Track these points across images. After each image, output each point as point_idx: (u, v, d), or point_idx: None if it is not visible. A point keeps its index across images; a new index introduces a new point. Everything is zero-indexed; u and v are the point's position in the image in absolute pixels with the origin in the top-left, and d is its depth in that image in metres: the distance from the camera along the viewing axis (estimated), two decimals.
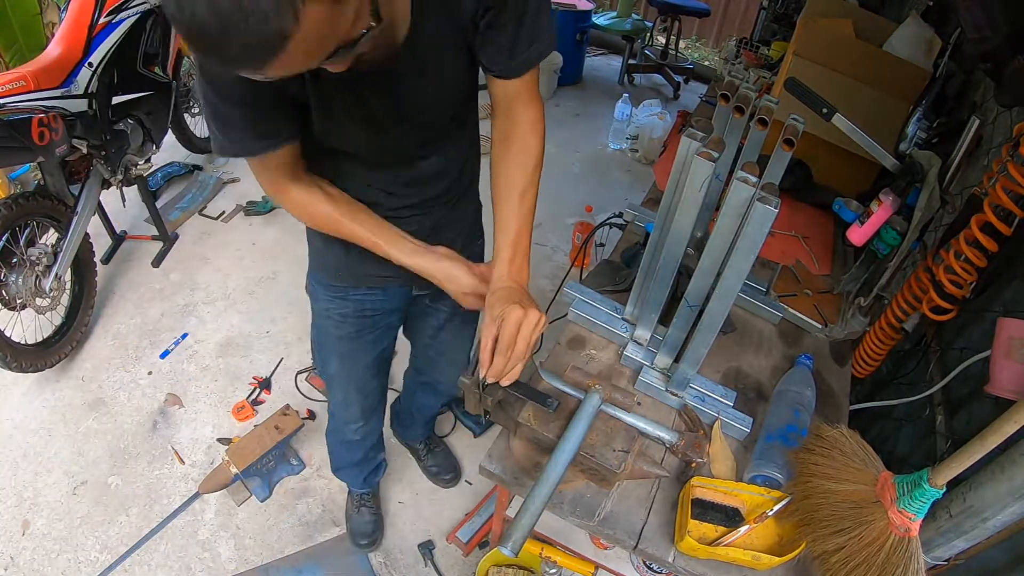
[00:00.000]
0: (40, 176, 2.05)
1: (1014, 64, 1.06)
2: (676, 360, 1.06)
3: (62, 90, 1.90)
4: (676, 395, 1.06)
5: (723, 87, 1.11)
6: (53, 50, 1.92)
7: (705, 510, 0.93)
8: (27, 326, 1.99)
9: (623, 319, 1.18)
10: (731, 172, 1.24)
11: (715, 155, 0.83)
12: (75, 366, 2.14)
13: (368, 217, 0.94)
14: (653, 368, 1.09)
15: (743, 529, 0.90)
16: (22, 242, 1.89)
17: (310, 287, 1.24)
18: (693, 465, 0.98)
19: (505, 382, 0.84)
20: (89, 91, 1.99)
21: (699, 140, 0.90)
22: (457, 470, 1.92)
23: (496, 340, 0.80)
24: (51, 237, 2.03)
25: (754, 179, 0.80)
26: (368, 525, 1.72)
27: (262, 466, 1.78)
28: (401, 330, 1.36)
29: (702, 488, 0.94)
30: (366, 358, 1.29)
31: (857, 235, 1.26)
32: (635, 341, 1.14)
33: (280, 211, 2.86)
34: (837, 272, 1.46)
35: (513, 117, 0.92)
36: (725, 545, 0.88)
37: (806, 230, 1.56)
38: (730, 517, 0.94)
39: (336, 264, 1.12)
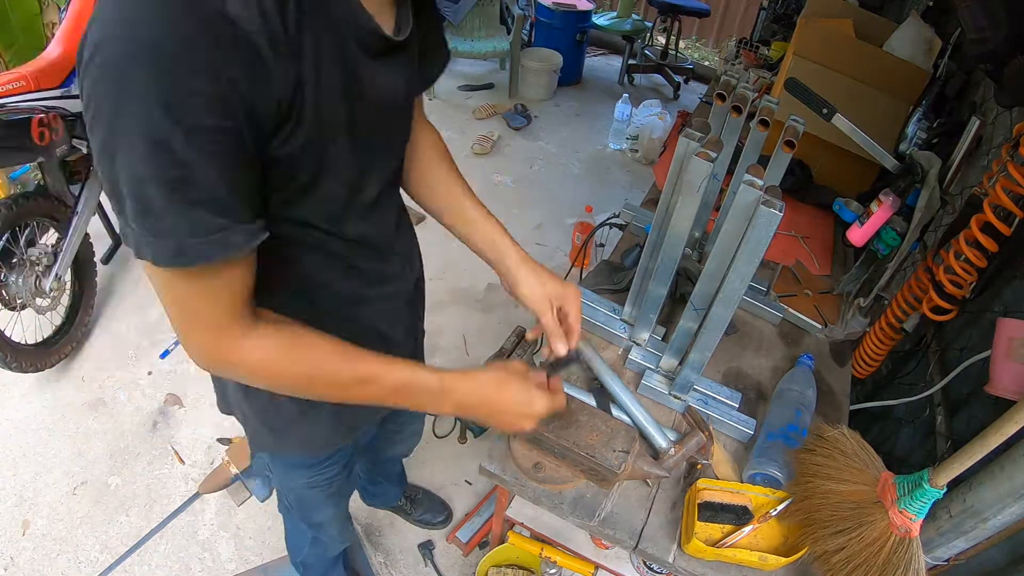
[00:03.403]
0: (40, 176, 2.05)
1: (1014, 64, 1.06)
2: (680, 363, 1.06)
3: (62, 90, 1.90)
4: (679, 398, 1.06)
5: (720, 86, 1.11)
6: (53, 50, 1.92)
7: (715, 512, 0.93)
8: (27, 326, 1.99)
9: (621, 319, 1.18)
10: (729, 172, 1.24)
11: (713, 155, 0.83)
12: (75, 366, 2.14)
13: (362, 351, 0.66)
14: (656, 371, 1.09)
15: (747, 529, 0.90)
16: (22, 242, 1.89)
17: (272, 468, 1.06)
18: (699, 467, 0.98)
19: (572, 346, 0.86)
20: None
21: (697, 140, 0.90)
22: (447, 508, 1.82)
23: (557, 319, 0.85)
24: (51, 237, 2.03)
25: (760, 182, 0.80)
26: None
27: (262, 466, 1.78)
28: None
29: (709, 490, 0.94)
30: (352, 489, 1.21)
31: (857, 235, 1.26)
32: (633, 342, 1.14)
33: None
34: (837, 272, 1.46)
35: (422, 130, 0.89)
36: (730, 546, 0.88)
37: (806, 230, 1.56)
38: (739, 516, 0.94)
39: (325, 430, 0.90)
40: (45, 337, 2.06)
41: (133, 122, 0.44)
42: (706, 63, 5.04)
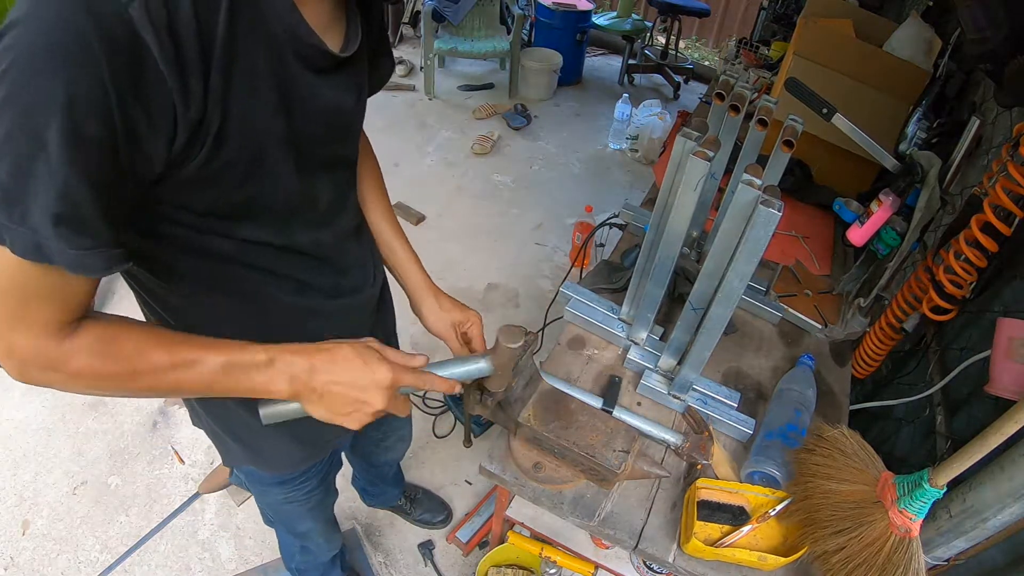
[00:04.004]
0: None
1: (1014, 64, 1.06)
2: (679, 363, 1.06)
3: None
4: (679, 398, 1.06)
5: (719, 86, 1.11)
6: None
7: (712, 511, 0.93)
8: None
9: (620, 319, 1.18)
10: (727, 172, 1.24)
11: (710, 154, 0.83)
12: None
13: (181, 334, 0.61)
14: (656, 372, 1.09)
15: (746, 529, 0.90)
16: None
17: (248, 485, 1.07)
18: (699, 467, 0.98)
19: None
20: None
21: (694, 139, 0.90)
22: (446, 508, 1.83)
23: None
24: None
25: (759, 181, 0.80)
26: None
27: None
28: None
29: (707, 489, 0.94)
30: (333, 499, 1.21)
31: (857, 235, 1.26)
32: (632, 341, 1.14)
33: None
34: (837, 272, 1.46)
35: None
36: (729, 545, 0.88)
37: (806, 230, 1.56)
38: (736, 516, 0.94)
39: (298, 446, 0.90)
40: None
41: (19, 115, 0.43)
42: (706, 63, 5.04)
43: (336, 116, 0.65)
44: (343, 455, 1.52)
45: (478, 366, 0.77)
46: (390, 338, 1.05)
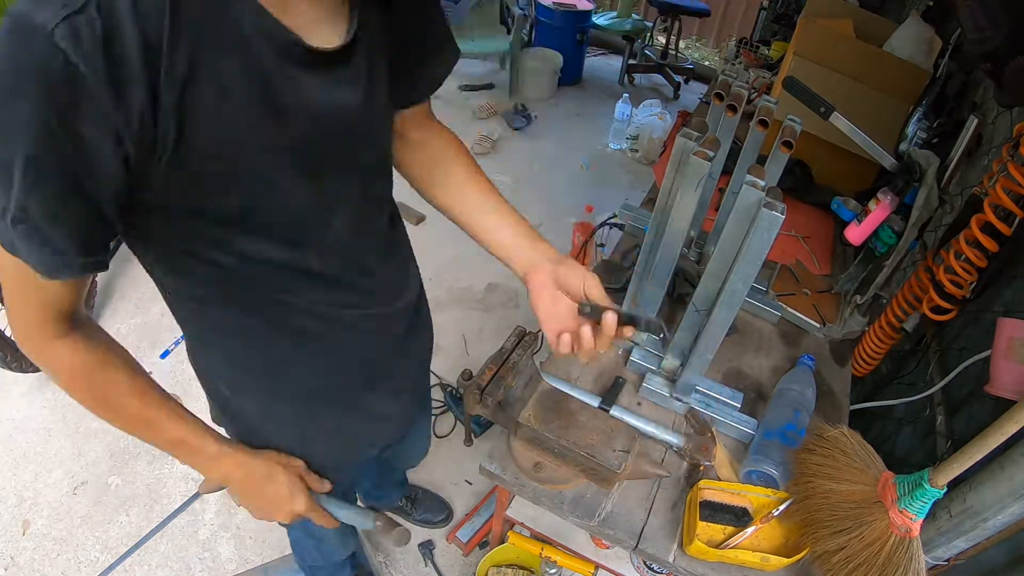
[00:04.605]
0: None
1: (1014, 64, 1.06)
2: (682, 364, 1.06)
3: None
4: (681, 400, 1.06)
5: (718, 86, 1.11)
6: None
7: (714, 512, 0.93)
8: None
9: None
10: (726, 172, 1.24)
11: (711, 154, 0.83)
12: None
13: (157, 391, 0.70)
14: (658, 374, 1.09)
15: (750, 530, 0.90)
16: None
17: None
18: (701, 468, 0.98)
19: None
20: None
21: (694, 139, 0.90)
22: (447, 507, 1.83)
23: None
24: None
25: (762, 183, 0.80)
26: None
27: None
28: None
29: (710, 491, 0.94)
30: (350, 499, 1.16)
31: (855, 234, 1.25)
32: (632, 341, 1.14)
33: None
34: (836, 272, 1.46)
35: (434, 137, 0.84)
36: (733, 547, 0.88)
37: (806, 230, 1.56)
38: (739, 517, 0.94)
39: (320, 449, 0.89)
40: None
41: None
42: (706, 63, 5.04)
43: (335, 116, 0.61)
44: None
45: (365, 521, 0.90)
46: (425, 358, 0.99)
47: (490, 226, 0.83)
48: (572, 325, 0.73)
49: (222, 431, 0.80)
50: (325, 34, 0.57)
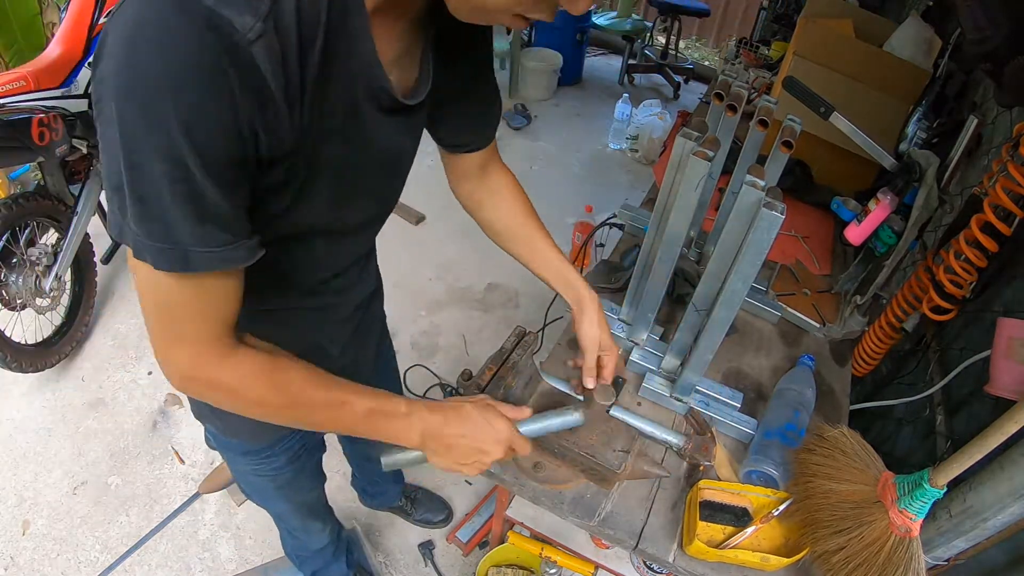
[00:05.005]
0: (40, 176, 2.05)
1: (1014, 64, 1.06)
2: (682, 364, 1.06)
3: (62, 90, 1.90)
4: (681, 400, 1.06)
5: (718, 85, 1.11)
6: (53, 50, 1.92)
7: (714, 512, 0.93)
8: (27, 326, 1.99)
9: (619, 319, 1.18)
10: (726, 172, 1.24)
11: (711, 154, 0.83)
12: (75, 366, 2.14)
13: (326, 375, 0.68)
14: (657, 374, 1.09)
15: (750, 530, 0.90)
16: (22, 242, 1.89)
17: (220, 451, 1.07)
18: (701, 468, 0.98)
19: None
20: (89, 91, 1.99)
21: (694, 140, 0.90)
22: (447, 507, 1.83)
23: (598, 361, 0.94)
24: (51, 237, 2.03)
25: (762, 183, 0.80)
26: None
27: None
28: None
29: (710, 491, 0.94)
30: (311, 485, 1.19)
31: (855, 234, 1.25)
32: (632, 341, 1.14)
33: None
34: (837, 272, 1.46)
35: (494, 174, 0.99)
36: (733, 547, 0.88)
37: (806, 230, 1.56)
38: (739, 517, 0.94)
39: (253, 424, 0.85)
40: (45, 337, 2.06)
41: (156, 140, 0.46)
42: (706, 63, 5.04)
43: (393, 157, 0.69)
44: (344, 453, 1.52)
45: (573, 418, 0.84)
46: (383, 336, 1.09)
47: (547, 261, 0.96)
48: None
49: (202, 433, 0.82)
50: (399, 79, 0.63)
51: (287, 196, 0.59)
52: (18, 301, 1.90)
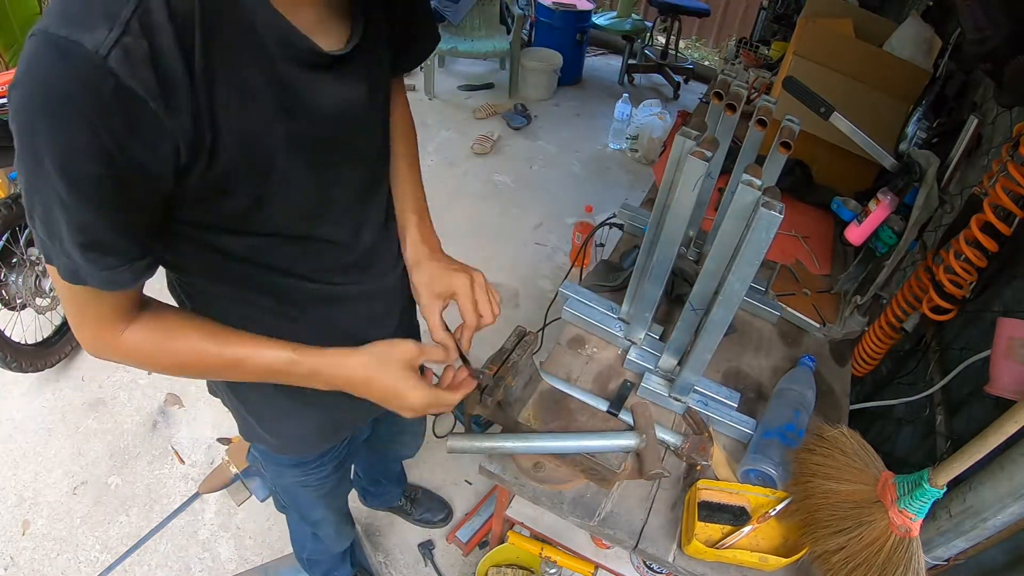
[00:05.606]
0: None
1: (1014, 64, 1.06)
2: (679, 364, 1.06)
3: None
4: (679, 400, 1.06)
5: (718, 85, 1.11)
6: None
7: (712, 511, 0.93)
8: (27, 326, 1.99)
9: (618, 319, 1.18)
10: (724, 171, 1.24)
11: (708, 154, 0.83)
12: (75, 366, 2.14)
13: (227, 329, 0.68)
14: (655, 374, 1.09)
15: (747, 529, 0.90)
16: (22, 242, 1.89)
17: (264, 465, 1.07)
18: (699, 468, 0.97)
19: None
20: None
21: (692, 139, 0.90)
22: (446, 507, 1.83)
23: (443, 318, 0.80)
24: None
25: (759, 182, 0.80)
26: None
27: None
28: None
29: (708, 490, 0.94)
30: (347, 489, 1.22)
31: (855, 234, 1.25)
32: (630, 340, 1.14)
33: None
34: (837, 272, 1.46)
35: (397, 108, 0.90)
36: (730, 546, 0.88)
37: (806, 230, 1.56)
38: (737, 516, 0.93)
39: (314, 429, 0.92)
40: (45, 337, 2.06)
41: (40, 177, 0.48)
42: (706, 63, 5.04)
43: (346, 112, 0.65)
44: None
45: (628, 442, 0.86)
46: (413, 321, 1.02)
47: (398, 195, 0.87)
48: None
49: (232, 421, 0.81)
50: (333, 33, 0.60)
51: (242, 190, 0.58)
52: (18, 301, 1.90)
